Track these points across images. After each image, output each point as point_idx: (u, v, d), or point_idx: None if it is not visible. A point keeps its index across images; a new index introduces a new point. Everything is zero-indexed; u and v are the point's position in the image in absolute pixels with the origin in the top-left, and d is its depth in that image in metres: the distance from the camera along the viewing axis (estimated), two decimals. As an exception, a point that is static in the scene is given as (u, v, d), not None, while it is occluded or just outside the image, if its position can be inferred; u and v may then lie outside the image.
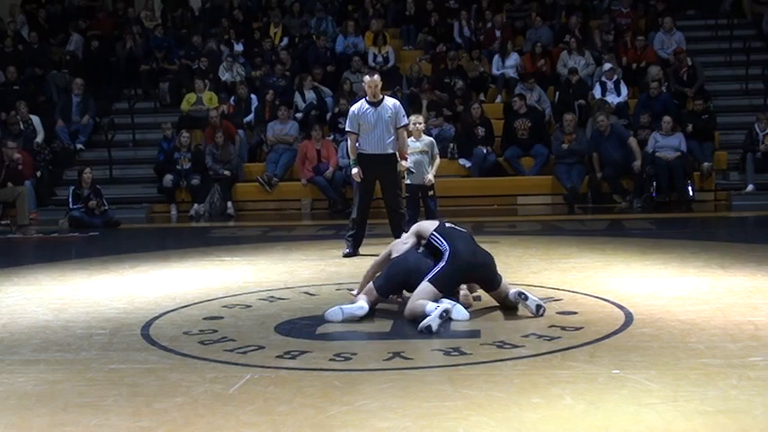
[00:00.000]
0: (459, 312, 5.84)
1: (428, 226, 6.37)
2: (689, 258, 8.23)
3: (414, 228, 6.52)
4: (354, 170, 8.96)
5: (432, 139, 10.24)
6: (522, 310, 6.01)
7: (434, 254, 6.14)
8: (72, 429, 3.94)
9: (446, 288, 5.98)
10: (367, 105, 8.96)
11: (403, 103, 9.72)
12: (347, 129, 9.08)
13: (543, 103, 15.55)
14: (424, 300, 5.82)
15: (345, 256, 8.98)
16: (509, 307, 6.07)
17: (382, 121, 8.86)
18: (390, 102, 9.12)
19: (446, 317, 5.62)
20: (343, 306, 5.99)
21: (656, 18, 17.47)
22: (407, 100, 16.03)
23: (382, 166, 8.96)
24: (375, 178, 9.08)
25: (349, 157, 9.32)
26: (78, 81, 16.57)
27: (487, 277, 6.13)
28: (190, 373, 4.74)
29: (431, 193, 9.88)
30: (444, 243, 6.10)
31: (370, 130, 8.88)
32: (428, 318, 5.57)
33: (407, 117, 9.51)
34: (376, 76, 8.98)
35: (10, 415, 4.15)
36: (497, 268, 6.19)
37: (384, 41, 17.38)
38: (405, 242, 6.44)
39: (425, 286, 5.91)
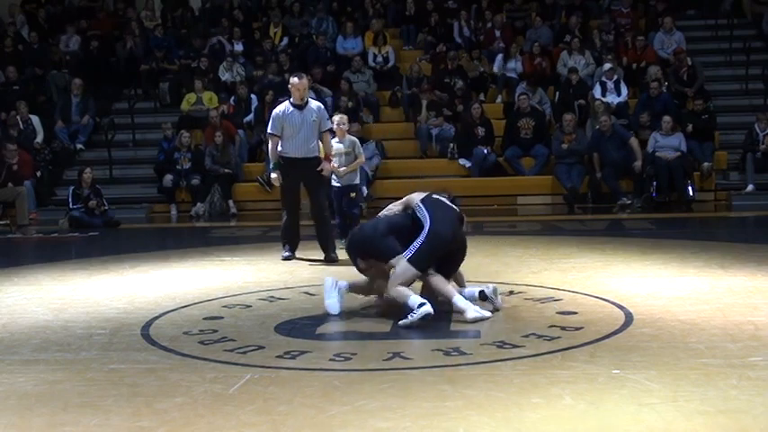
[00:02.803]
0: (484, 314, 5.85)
1: (416, 197, 6.27)
2: (689, 258, 8.23)
3: (404, 198, 6.39)
4: (274, 175, 8.83)
5: (355, 139, 9.97)
6: (526, 310, 6.02)
7: (415, 225, 6.06)
8: (72, 429, 3.94)
9: (423, 266, 5.94)
10: (292, 108, 8.78)
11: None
12: (270, 131, 8.86)
13: (543, 103, 15.55)
14: (405, 287, 5.85)
15: (285, 259, 8.95)
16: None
17: (307, 124, 8.72)
18: (315, 105, 8.97)
19: (426, 320, 5.65)
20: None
21: (656, 18, 17.46)
22: (407, 100, 16.08)
23: (306, 170, 8.80)
24: (299, 181, 8.92)
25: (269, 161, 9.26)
26: (77, 81, 16.56)
27: (458, 262, 6.11)
28: (190, 373, 4.74)
29: (352, 195, 9.69)
30: (426, 216, 6.02)
31: (295, 133, 8.71)
32: (409, 317, 5.64)
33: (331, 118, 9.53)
34: (304, 79, 8.81)
35: (10, 415, 4.16)
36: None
37: (384, 41, 17.37)
38: (389, 209, 6.42)
39: (404, 266, 5.88)
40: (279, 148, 8.81)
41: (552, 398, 4.14)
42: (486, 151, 14.60)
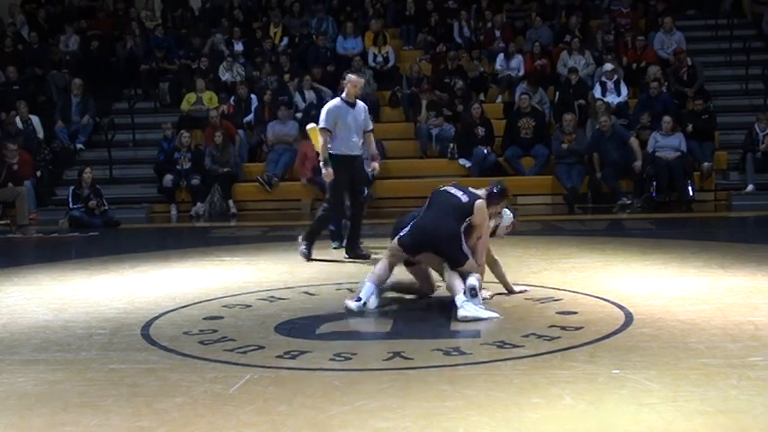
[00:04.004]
0: (486, 313, 5.89)
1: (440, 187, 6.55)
2: (689, 258, 8.23)
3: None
4: (330, 170, 8.58)
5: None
6: (526, 310, 6.02)
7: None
8: (72, 429, 3.94)
9: (409, 249, 6.23)
10: (344, 104, 8.65)
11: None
12: (323, 125, 8.59)
13: (543, 103, 15.55)
14: (384, 267, 6.28)
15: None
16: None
17: (357, 122, 8.66)
18: (361, 104, 8.86)
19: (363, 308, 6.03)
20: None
21: (656, 18, 17.46)
22: (407, 100, 16.08)
23: (353, 168, 8.77)
24: (348, 178, 8.79)
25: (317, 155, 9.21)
26: (77, 81, 16.56)
27: (445, 252, 6.14)
28: (190, 373, 4.74)
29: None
30: (425, 206, 6.39)
31: (346, 130, 8.60)
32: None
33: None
34: (363, 78, 8.75)
35: (10, 415, 4.16)
36: (463, 252, 6.13)
37: (384, 41, 17.37)
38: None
39: (393, 243, 6.32)
40: (330, 145, 8.60)
41: (552, 398, 4.14)
42: (486, 151, 14.59)
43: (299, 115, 15.84)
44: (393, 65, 17.19)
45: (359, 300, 6.14)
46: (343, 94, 8.65)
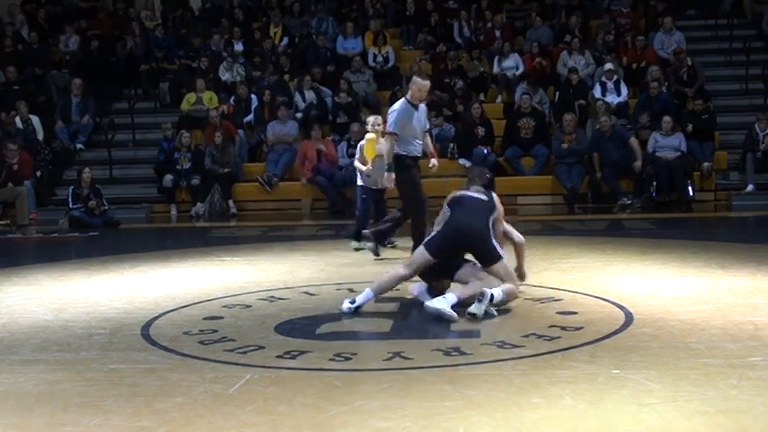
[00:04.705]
0: (448, 315, 5.87)
1: (454, 193, 6.58)
2: (689, 258, 8.23)
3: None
4: (392, 175, 8.44)
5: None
6: (526, 310, 6.02)
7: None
8: (72, 429, 3.94)
9: (439, 253, 6.20)
10: (410, 107, 8.51)
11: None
12: (393, 130, 8.43)
13: (543, 103, 15.56)
14: (389, 280, 6.27)
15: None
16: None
17: (420, 123, 8.56)
18: (423, 105, 8.73)
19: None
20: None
21: (656, 18, 17.46)
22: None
23: (418, 169, 8.70)
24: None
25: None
26: (77, 81, 16.56)
27: (477, 250, 6.21)
28: (190, 373, 4.74)
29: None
30: (448, 210, 6.39)
31: (413, 132, 8.50)
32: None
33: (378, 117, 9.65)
34: (429, 81, 8.58)
35: (10, 415, 4.16)
36: (498, 250, 6.26)
37: (384, 41, 17.38)
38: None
39: (419, 249, 6.31)
40: (396, 148, 8.44)
41: (552, 398, 4.14)
42: (486, 151, 14.59)
43: (299, 115, 15.85)
44: (393, 65, 17.20)
45: (353, 302, 6.17)
46: (408, 96, 8.55)
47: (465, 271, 6.28)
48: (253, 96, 16.23)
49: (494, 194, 6.56)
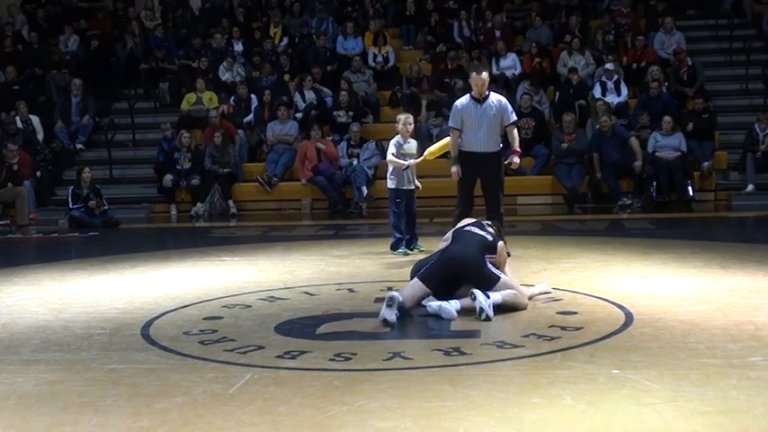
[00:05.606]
0: (446, 312, 5.88)
1: (459, 225, 6.63)
2: (689, 258, 8.23)
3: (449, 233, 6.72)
4: (454, 168, 8.59)
5: (416, 141, 9.76)
6: (526, 310, 6.02)
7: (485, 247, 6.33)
8: (72, 429, 3.94)
9: (433, 284, 6.07)
10: (471, 101, 8.55)
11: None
12: (450, 125, 8.70)
13: (543, 104, 15.55)
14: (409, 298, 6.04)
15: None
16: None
17: (487, 117, 8.48)
18: (496, 98, 8.66)
19: (392, 304, 5.74)
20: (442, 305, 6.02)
21: (656, 18, 17.45)
22: (407, 100, 16.06)
23: (485, 165, 8.58)
24: (477, 176, 8.68)
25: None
26: (77, 81, 16.56)
27: (475, 276, 6.12)
28: (190, 373, 4.74)
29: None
30: (448, 243, 6.43)
31: (475, 126, 8.49)
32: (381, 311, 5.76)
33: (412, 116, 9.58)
34: (484, 74, 8.47)
35: (10, 415, 4.15)
36: (496, 272, 6.17)
37: (384, 41, 17.38)
38: (445, 239, 6.66)
39: (413, 282, 6.16)
40: (458, 142, 8.55)
41: (552, 398, 4.14)
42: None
43: (298, 115, 15.85)
44: (393, 65, 17.19)
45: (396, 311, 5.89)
46: (473, 91, 8.58)
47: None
48: (253, 96, 16.23)
49: (501, 244, 6.47)
